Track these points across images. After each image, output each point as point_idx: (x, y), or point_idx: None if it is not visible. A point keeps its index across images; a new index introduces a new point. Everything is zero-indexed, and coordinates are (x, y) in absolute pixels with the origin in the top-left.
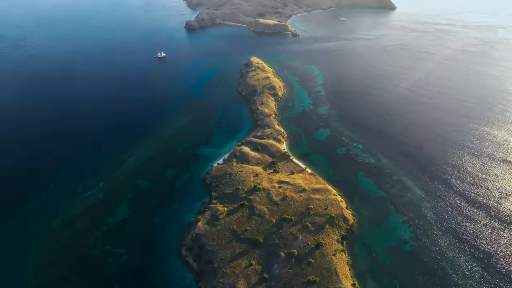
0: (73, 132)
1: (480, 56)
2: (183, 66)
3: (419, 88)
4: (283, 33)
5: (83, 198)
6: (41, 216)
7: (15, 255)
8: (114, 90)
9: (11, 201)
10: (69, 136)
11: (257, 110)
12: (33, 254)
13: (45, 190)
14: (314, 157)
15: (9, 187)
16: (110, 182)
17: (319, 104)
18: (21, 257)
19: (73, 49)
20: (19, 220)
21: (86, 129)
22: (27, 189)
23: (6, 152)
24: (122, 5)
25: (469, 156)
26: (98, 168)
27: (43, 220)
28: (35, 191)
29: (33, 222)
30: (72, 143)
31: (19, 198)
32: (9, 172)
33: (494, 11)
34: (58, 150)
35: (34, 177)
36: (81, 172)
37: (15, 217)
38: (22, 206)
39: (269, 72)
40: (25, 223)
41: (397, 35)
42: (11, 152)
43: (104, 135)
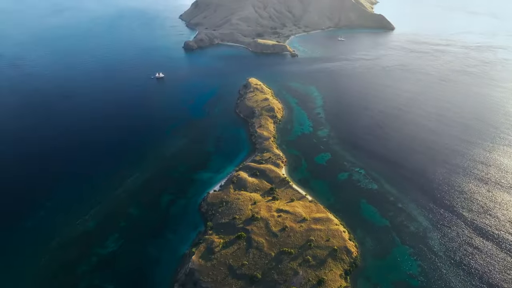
0: (70, 151)
1: (480, 77)
2: (182, 87)
3: (420, 110)
4: (282, 53)
5: (75, 225)
6: (26, 249)
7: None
8: (111, 110)
9: (6, 220)
10: (65, 155)
11: (255, 132)
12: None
13: (31, 219)
14: (314, 183)
15: (6, 205)
16: (103, 208)
17: (319, 127)
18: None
19: (71, 68)
20: (11, 242)
21: (83, 149)
22: (22, 209)
23: (4, 169)
24: (121, 25)
25: (475, 182)
26: (92, 192)
27: (30, 250)
28: (24, 217)
29: (20, 252)
30: (68, 162)
31: (14, 217)
32: (6, 189)
33: (493, 31)
34: (54, 169)
35: (30, 196)
36: (74, 196)
37: (7, 239)
38: (14, 229)
39: (267, 93)
40: (15, 248)
41: (396, 55)
42: (9, 170)
43: (100, 156)
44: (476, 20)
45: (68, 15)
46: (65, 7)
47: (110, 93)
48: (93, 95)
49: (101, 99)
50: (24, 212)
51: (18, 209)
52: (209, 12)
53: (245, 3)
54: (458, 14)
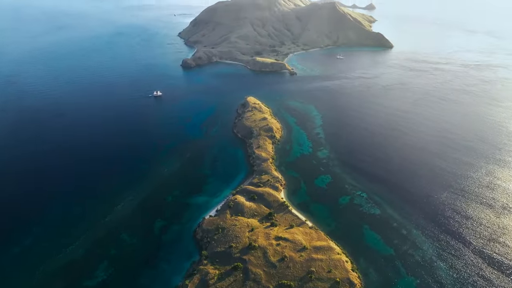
0: (60, 172)
1: (481, 96)
2: (179, 105)
3: (421, 131)
4: (281, 71)
5: (62, 252)
6: (8, 280)
7: None
8: (106, 130)
9: None
10: (54, 175)
11: (253, 154)
12: None
13: (19, 245)
14: (314, 207)
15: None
16: (93, 234)
17: (318, 147)
18: None
19: (66, 85)
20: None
21: (73, 170)
22: (7, 233)
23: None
24: (119, 43)
25: (482, 207)
26: (82, 216)
27: (13, 282)
28: (9, 242)
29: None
30: (57, 183)
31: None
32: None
33: (492, 50)
34: (41, 191)
35: (16, 218)
36: (63, 220)
37: None
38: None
39: (266, 112)
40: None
41: (395, 74)
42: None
43: (91, 177)
44: (474, 39)
45: (66, 33)
46: (64, 24)
47: (105, 112)
48: (87, 113)
49: (96, 118)
50: (9, 237)
51: (1, 234)
52: (207, 30)
53: (244, 21)
54: (456, 32)
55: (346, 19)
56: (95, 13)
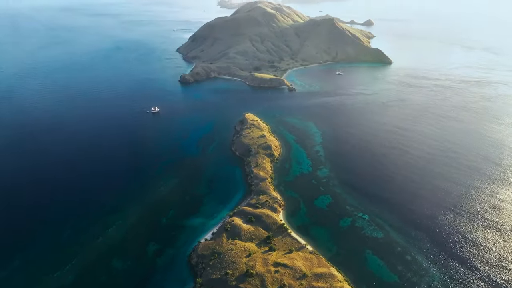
0: (50, 190)
1: (482, 113)
2: (177, 122)
3: (423, 149)
4: (279, 87)
5: (50, 280)
6: None
7: None
8: (101, 147)
9: None
10: (44, 194)
11: (251, 173)
12: None
13: (3, 270)
14: (315, 230)
15: None
16: (82, 259)
17: (318, 166)
18: None
19: (62, 101)
20: None
21: (64, 188)
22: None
23: None
24: (117, 58)
25: (489, 230)
26: (72, 240)
27: None
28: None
29: None
30: (46, 203)
31: None
32: None
33: (491, 66)
34: (29, 212)
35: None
36: (51, 244)
37: None
38: None
39: (264, 129)
40: None
41: (395, 90)
42: None
43: (83, 197)
44: (473, 55)
45: (65, 48)
46: (63, 39)
47: (101, 129)
48: (82, 130)
49: (91, 134)
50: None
51: None
52: (206, 45)
53: (243, 37)
54: (455, 49)
55: (344, 35)
56: (94, 28)
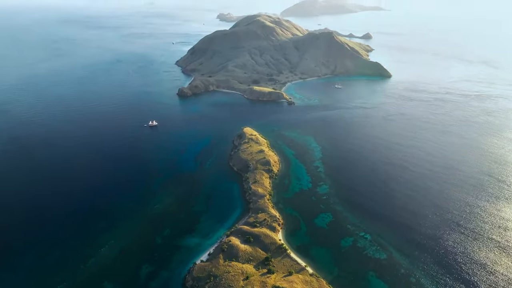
0: (43, 207)
1: (484, 127)
2: (174, 136)
3: (425, 165)
4: (278, 101)
5: None
6: None
7: None
8: (97, 161)
9: None
10: (37, 211)
11: (249, 189)
12: None
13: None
14: (315, 251)
15: None
16: (72, 283)
17: (318, 182)
18: None
19: (58, 115)
20: None
21: (59, 204)
22: None
23: None
24: (116, 70)
25: (496, 252)
26: (62, 262)
27: None
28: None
29: None
30: (41, 219)
31: None
32: None
33: (490, 80)
34: (21, 228)
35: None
36: (39, 267)
37: None
38: None
39: (263, 144)
40: None
41: (395, 104)
42: None
43: (73, 215)
44: (472, 69)
45: (64, 60)
46: (63, 52)
47: (97, 143)
48: (78, 144)
49: (86, 149)
50: None
51: None
52: (205, 58)
53: (242, 50)
54: (453, 62)
55: (343, 48)
56: (95, 41)
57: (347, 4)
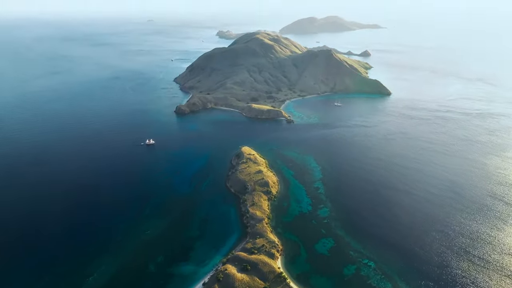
0: (28, 231)
1: (488, 147)
2: (171, 155)
3: (429, 188)
4: (277, 119)
5: None
6: None
7: None
8: (89, 181)
9: None
10: (21, 236)
11: (247, 212)
12: None
13: None
14: (316, 280)
15: None
16: None
17: (318, 205)
18: None
19: (52, 132)
20: None
21: (45, 228)
22: None
23: None
24: (113, 87)
25: (508, 281)
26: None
27: None
28: None
29: None
30: (24, 244)
31: None
32: None
33: (490, 98)
34: (7, 254)
35: None
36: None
37: None
38: None
39: (261, 164)
40: None
41: (396, 122)
42: None
43: (64, 238)
44: (471, 86)
45: (61, 77)
46: (61, 69)
47: (91, 163)
48: (70, 163)
49: (79, 169)
50: None
51: None
52: (203, 76)
53: (240, 67)
54: (451, 80)
55: (342, 65)
56: (94, 57)
57: (345, 22)
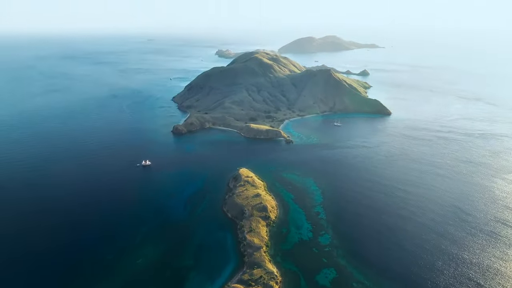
0: (5, 263)
1: (494, 169)
2: (166, 177)
3: (432, 210)
4: (276, 139)
5: None
6: None
7: None
8: (79, 205)
9: None
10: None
11: (244, 239)
12: None
13: None
14: None
15: None
16: None
17: (319, 231)
18: None
19: (44, 153)
20: None
21: (27, 258)
22: None
23: None
24: (111, 106)
25: None
26: None
27: None
28: None
29: None
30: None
31: None
32: None
33: (492, 118)
34: None
35: None
36: None
37: None
38: None
39: (260, 187)
40: None
41: (397, 143)
42: None
43: (48, 270)
44: (472, 106)
45: (59, 96)
46: (59, 87)
47: (83, 184)
48: (60, 186)
49: (68, 192)
50: None
51: None
52: (202, 95)
53: (239, 86)
54: (450, 99)
55: (341, 85)
56: (93, 76)
57: (343, 42)
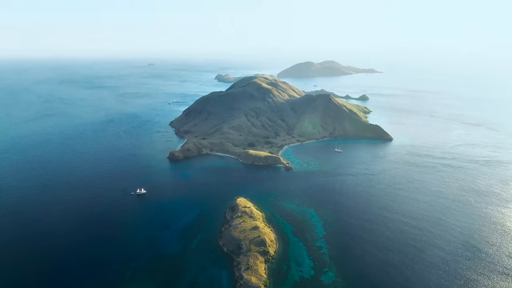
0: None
1: (503, 198)
2: (161, 206)
3: (440, 245)
4: (275, 165)
5: None
6: None
7: None
8: (66, 238)
9: None
10: None
11: (241, 278)
12: None
13: None
14: None
15: None
16: None
17: (322, 268)
18: None
19: (34, 180)
20: None
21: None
22: None
23: None
24: (107, 131)
25: None
26: None
27: None
28: None
29: None
30: None
31: None
32: None
33: (496, 144)
34: None
35: None
36: None
37: None
38: None
39: (258, 218)
40: None
41: (400, 170)
42: None
43: None
44: (474, 132)
45: (55, 120)
46: (55, 112)
47: (73, 214)
48: (49, 216)
49: (57, 223)
50: None
51: None
52: (200, 119)
53: (238, 111)
54: (451, 124)
55: (341, 110)
56: (90, 100)
57: (341, 67)
